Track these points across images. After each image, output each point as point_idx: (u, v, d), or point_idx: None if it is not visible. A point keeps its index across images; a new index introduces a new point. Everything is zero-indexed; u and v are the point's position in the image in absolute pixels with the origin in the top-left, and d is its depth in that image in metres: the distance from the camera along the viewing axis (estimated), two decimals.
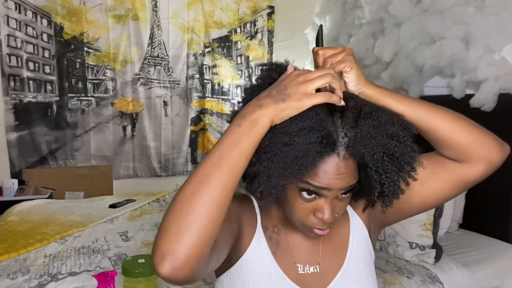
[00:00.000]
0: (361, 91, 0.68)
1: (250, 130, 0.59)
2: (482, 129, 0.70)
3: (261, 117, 0.59)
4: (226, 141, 0.59)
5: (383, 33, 2.50)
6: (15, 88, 3.02)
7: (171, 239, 0.54)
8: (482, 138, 0.69)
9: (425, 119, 0.69)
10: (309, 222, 0.69)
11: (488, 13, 1.90)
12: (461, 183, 0.72)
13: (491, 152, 0.69)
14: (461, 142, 0.68)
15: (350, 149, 0.63)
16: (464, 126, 0.69)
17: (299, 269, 0.77)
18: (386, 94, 0.68)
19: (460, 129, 0.69)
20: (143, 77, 3.45)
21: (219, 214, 0.57)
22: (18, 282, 1.45)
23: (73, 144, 3.26)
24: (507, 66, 1.86)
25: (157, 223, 2.14)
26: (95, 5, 3.20)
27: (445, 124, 0.69)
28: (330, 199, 0.66)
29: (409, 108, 0.68)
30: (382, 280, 1.46)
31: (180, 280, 0.55)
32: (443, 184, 0.72)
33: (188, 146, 3.68)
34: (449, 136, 0.69)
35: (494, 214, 1.90)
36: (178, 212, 0.55)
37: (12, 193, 2.90)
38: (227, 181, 0.57)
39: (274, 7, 3.85)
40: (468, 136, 0.68)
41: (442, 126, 0.69)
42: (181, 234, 0.54)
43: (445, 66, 2.08)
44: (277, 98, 0.60)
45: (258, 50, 3.85)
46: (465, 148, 0.69)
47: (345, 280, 0.77)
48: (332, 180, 0.63)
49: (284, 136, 0.60)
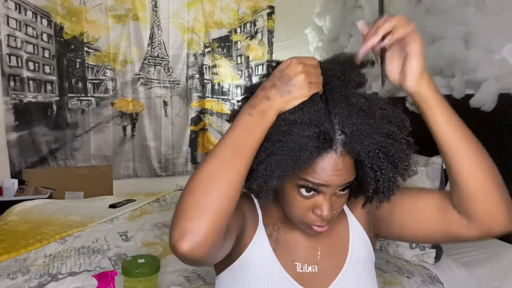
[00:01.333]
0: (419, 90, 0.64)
1: (262, 119, 0.61)
2: (504, 195, 0.64)
3: (268, 109, 0.61)
4: (240, 128, 0.61)
5: None
6: (15, 88, 3.02)
7: (191, 216, 0.56)
8: (499, 206, 0.63)
9: (460, 157, 0.63)
10: (308, 219, 0.69)
11: (488, 13, 1.90)
12: (451, 237, 0.70)
13: (497, 224, 0.64)
14: (477, 202, 0.63)
15: (347, 146, 0.63)
16: (491, 186, 0.62)
17: (297, 267, 0.77)
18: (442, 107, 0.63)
19: (485, 188, 0.62)
20: (143, 77, 3.45)
21: (234, 196, 0.59)
22: (18, 282, 1.45)
23: (73, 144, 3.26)
24: (507, 66, 1.86)
25: (157, 223, 2.14)
26: (95, 5, 3.20)
27: (477, 175, 0.62)
28: (328, 196, 0.67)
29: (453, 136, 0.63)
30: (382, 280, 1.46)
31: (196, 260, 0.57)
32: (435, 230, 0.71)
33: (188, 146, 3.68)
34: (471, 189, 0.63)
35: None
36: (196, 192, 0.57)
37: (12, 193, 2.90)
38: (242, 166, 0.59)
39: (274, 7, 3.85)
40: (488, 200, 0.63)
41: (472, 174, 0.63)
42: (200, 212, 0.56)
43: (445, 66, 2.08)
44: (283, 89, 0.61)
45: (258, 50, 3.85)
46: (478, 210, 0.64)
47: (346, 282, 0.77)
48: (330, 176, 0.64)
49: (283, 125, 0.62)
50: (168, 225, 2.12)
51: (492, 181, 0.63)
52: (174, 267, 1.58)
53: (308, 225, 0.70)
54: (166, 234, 1.99)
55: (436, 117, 0.63)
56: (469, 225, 0.66)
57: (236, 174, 0.59)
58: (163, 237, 1.94)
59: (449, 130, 0.63)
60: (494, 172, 0.64)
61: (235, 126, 0.61)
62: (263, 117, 0.61)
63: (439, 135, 0.64)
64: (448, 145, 0.63)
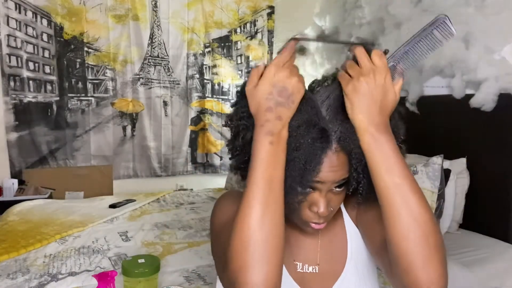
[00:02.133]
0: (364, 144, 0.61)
1: (280, 142, 0.60)
2: (440, 257, 0.58)
3: (283, 129, 0.60)
4: (266, 163, 0.59)
5: (383, 33, 2.50)
6: (15, 88, 3.02)
7: (253, 272, 0.56)
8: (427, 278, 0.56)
9: (393, 216, 0.58)
10: (305, 216, 0.69)
11: (488, 13, 1.90)
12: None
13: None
14: (403, 268, 0.57)
15: (342, 142, 0.64)
16: (425, 260, 0.56)
17: (297, 267, 0.77)
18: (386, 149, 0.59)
19: (416, 261, 0.56)
20: (143, 77, 3.45)
21: (283, 231, 0.59)
22: (18, 282, 1.45)
23: (73, 144, 3.26)
24: (507, 66, 1.86)
25: (157, 223, 2.15)
26: (95, 5, 3.20)
27: (407, 243, 0.56)
28: (324, 192, 0.67)
29: (393, 190, 0.58)
30: (382, 280, 1.46)
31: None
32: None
33: (188, 146, 3.68)
34: (399, 254, 0.57)
35: (494, 214, 1.90)
36: (251, 247, 0.56)
37: (12, 193, 2.90)
38: (279, 198, 0.59)
39: (274, 7, 3.85)
40: (415, 271, 0.56)
41: (401, 241, 0.56)
42: (261, 264, 0.56)
43: (445, 66, 2.08)
44: (287, 102, 0.60)
45: (258, 50, 3.85)
46: (402, 273, 0.58)
47: (348, 282, 0.76)
48: (326, 173, 0.64)
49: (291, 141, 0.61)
50: (168, 225, 2.13)
51: (431, 254, 0.57)
52: (174, 267, 1.58)
53: (305, 222, 0.71)
54: (166, 234, 1.99)
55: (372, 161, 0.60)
56: (394, 277, 0.61)
57: (279, 211, 0.59)
58: (163, 237, 1.94)
59: (392, 186, 0.58)
60: (432, 242, 0.57)
61: (259, 161, 0.59)
62: (280, 139, 0.60)
63: (380, 189, 0.60)
64: (381, 199, 0.60)
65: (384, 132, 0.60)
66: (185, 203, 2.65)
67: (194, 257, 1.70)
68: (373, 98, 0.59)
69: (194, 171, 3.74)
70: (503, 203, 1.84)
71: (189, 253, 1.74)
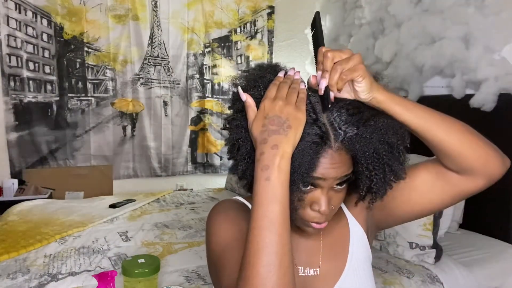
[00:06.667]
0: (373, 97, 0.66)
1: (280, 175, 0.58)
2: (487, 143, 0.69)
3: (282, 159, 0.59)
4: (266, 200, 0.58)
5: (383, 33, 2.50)
6: (15, 88, 3.02)
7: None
8: (487, 153, 0.68)
9: (432, 130, 0.67)
10: (306, 216, 0.69)
11: (488, 13, 1.90)
12: (460, 195, 0.73)
13: (494, 168, 0.69)
14: (467, 158, 0.67)
15: (345, 142, 0.64)
16: (471, 140, 0.67)
17: (299, 271, 0.77)
18: (396, 101, 0.66)
19: (467, 144, 0.67)
20: (143, 77, 3.45)
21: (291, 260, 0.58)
22: (18, 282, 1.45)
23: (73, 144, 3.26)
24: (507, 66, 1.86)
25: (157, 223, 2.15)
26: (95, 5, 3.20)
27: (453, 137, 0.67)
28: (326, 190, 0.66)
29: (416, 117, 0.66)
30: (382, 280, 1.46)
31: None
32: (443, 196, 0.73)
33: (188, 146, 3.68)
34: (455, 150, 0.67)
35: (494, 214, 1.90)
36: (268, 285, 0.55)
37: (12, 193, 2.90)
38: (285, 232, 0.58)
39: (274, 7, 3.85)
40: (474, 152, 0.67)
41: (449, 139, 0.67)
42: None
43: (445, 66, 2.08)
44: (281, 128, 0.59)
45: (258, 50, 3.85)
46: (470, 163, 0.68)
47: (347, 284, 0.76)
48: (327, 169, 0.64)
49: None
50: (168, 225, 2.13)
51: (470, 135, 0.67)
52: (174, 267, 1.58)
53: (306, 222, 0.70)
54: (166, 234, 1.99)
55: (395, 110, 0.66)
56: (472, 179, 0.70)
57: (287, 243, 0.58)
58: (163, 237, 1.94)
59: (414, 117, 0.66)
60: (467, 128, 0.68)
61: (258, 198, 0.58)
62: (280, 172, 0.58)
63: (408, 123, 0.66)
64: (420, 128, 0.66)
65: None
66: (185, 203, 2.66)
67: (194, 257, 1.70)
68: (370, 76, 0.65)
69: (194, 171, 3.75)
70: (503, 203, 1.85)
71: (189, 253, 1.74)
